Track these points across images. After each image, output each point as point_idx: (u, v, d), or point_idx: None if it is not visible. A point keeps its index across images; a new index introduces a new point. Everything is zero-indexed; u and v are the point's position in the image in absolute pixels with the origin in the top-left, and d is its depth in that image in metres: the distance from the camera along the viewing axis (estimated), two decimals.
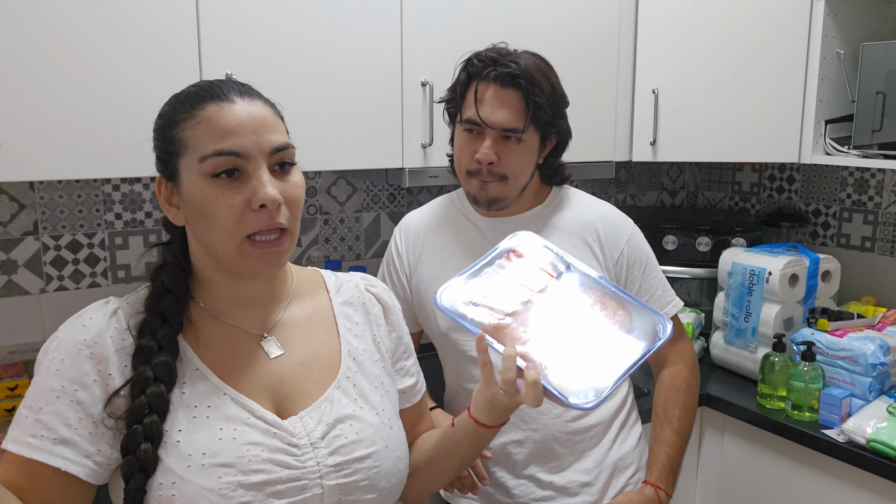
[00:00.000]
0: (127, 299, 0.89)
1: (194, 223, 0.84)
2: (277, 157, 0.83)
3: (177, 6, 1.35)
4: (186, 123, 0.82)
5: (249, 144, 0.80)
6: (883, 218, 2.15)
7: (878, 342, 1.68)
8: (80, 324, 0.84)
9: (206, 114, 0.81)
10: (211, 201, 0.80)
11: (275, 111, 0.87)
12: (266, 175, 0.81)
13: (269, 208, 0.80)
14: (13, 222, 1.58)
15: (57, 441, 0.79)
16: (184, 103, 0.84)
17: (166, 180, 0.86)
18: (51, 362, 0.81)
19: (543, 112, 1.24)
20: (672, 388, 1.39)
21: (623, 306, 0.87)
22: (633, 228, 1.38)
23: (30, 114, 1.24)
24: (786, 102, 1.94)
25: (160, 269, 0.89)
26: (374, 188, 2.06)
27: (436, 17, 1.66)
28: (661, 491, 1.33)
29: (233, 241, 0.81)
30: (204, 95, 0.83)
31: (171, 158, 0.84)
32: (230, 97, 0.82)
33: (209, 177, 0.80)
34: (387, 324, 1.02)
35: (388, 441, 0.90)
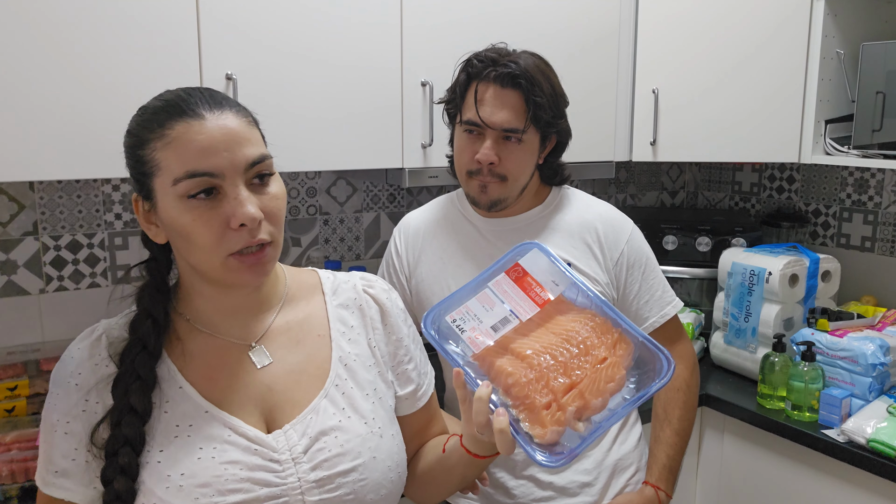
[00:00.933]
0: (117, 320, 0.88)
1: (176, 244, 0.83)
2: (254, 170, 0.80)
3: (177, 6, 1.35)
4: (156, 144, 0.78)
5: (223, 163, 0.77)
6: (883, 218, 2.15)
7: (878, 342, 1.68)
8: (69, 355, 0.86)
9: (174, 133, 0.77)
10: (189, 224, 0.78)
11: (248, 120, 0.83)
12: (243, 192, 0.78)
13: (249, 226, 0.78)
14: (13, 222, 1.58)
15: (58, 473, 0.82)
16: (151, 121, 0.80)
17: (143, 199, 0.83)
18: (50, 395, 0.84)
19: (544, 112, 1.24)
20: (672, 388, 1.39)
21: (624, 338, 0.81)
22: (633, 229, 1.38)
23: (30, 114, 1.24)
24: (786, 102, 1.94)
25: (142, 290, 0.88)
26: (374, 188, 2.06)
27: (436, 17, 1.66)
28: (661, 491, 1.33)
29: (216, 259, 0.80)
30: (171, 112, 0.79)
31: (145, 179, 0.81)
32: (199, 112, 0.78)
33: (185, 198, 0.77)
34: (384, 327, 0.98)
35: (376, 451, 0.88)
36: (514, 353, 0.81)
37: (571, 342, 0.81)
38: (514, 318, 0.83)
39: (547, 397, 0.78)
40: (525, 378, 0.78)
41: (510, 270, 0.86)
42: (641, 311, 1.36)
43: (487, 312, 0.84)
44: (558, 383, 0.78)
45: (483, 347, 0.82)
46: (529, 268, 0.86)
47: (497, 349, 0.82)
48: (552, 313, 0.84)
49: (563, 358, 0.80)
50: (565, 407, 0.77)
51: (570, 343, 0.81)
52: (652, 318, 1.37)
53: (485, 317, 0.84)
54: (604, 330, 0.82)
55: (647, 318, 1.37)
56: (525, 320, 0.83)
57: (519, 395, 0.78)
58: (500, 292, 0.85)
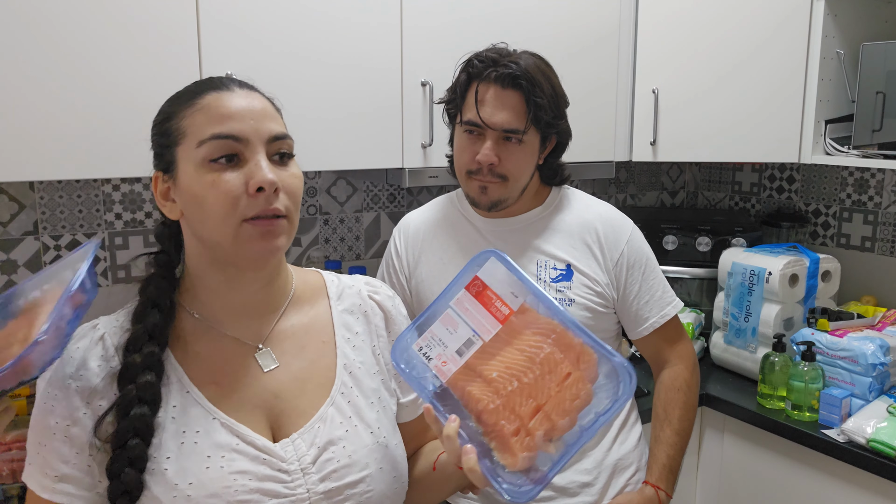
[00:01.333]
0: (116, 317, 0.87)
1: (190, 214, 0.82)
2: (276, 145, 0.82)
3: (177, 6, 1.35)
4: (185, 112, 0.81)
5: (248, 130, 0.80)
6: (883, 218, 2.15)
7: (878, 342, 1.68)
8: (69, 354, 0.82)
9: (205, 101, 0.81)
10: (208, 186, 0.78)
11: (274, 105, 0.86)
12: (264, 160, 0.80)
13: (266, 192, 0.78)
14: (13, 222, 1.58)
15: (58, 478, 0.80)
16: (182, 97, 0.84)
17: (163, 173, 0.84)
18: (46, 397, 0.81)
19: (544, 113, 1.24)
20: (672, 388, 1.39)
21: (587, 350, 0.79)
22: (633, 229, 1.38)
23: (30, 114, 1.24)
24: (786, 102, 1.94)
25: (147, 281, 0.87)
26: (374, 188, 2.06)
27: (436, 17, 1.66)
28: (661, 491, 1.33)
29: (229, 226, 0.79)
30: (203, 86, 0.83)
31: (168, 149, 0.83)
32: (230, 87, 0.83)
33: (207, 162, 0.79)
34: (388, 334, 0.97)
35: (382, 462, 0.87)
36: (481, 377, 0.80)
37: (534, 361, 0.79)
38: (478, 338, 0.82)
39: (514, 423, 0.77)
40: (493, 405, 0.78)
41: (470, 285, 0.83)
42: (641, 311, 1.36)
43: (451, 335, 0.82)
44: (524, 408, 0.77)
45: (450, 375, 0.81)
46: (488, 280, 0.83)
47: (466, 373, 0.81)
48: (515, 327, 0.82)
49: (527, 379, 0.78)
50: (533, 432, 0.76)
51: (534, 362, 0.79)
52: (652, 318, 1.37)
53: (449, 341, 0.82)
54: (565, 343, 0.79)
55: (647, 318, 1.37)
56: (489, 340, 0.81)
57: (489, 422, 0.78)
58: (462, 311, 0.83)
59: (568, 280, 1.31)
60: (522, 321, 0.82)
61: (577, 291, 1.31)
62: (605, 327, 1.36)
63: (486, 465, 0.77)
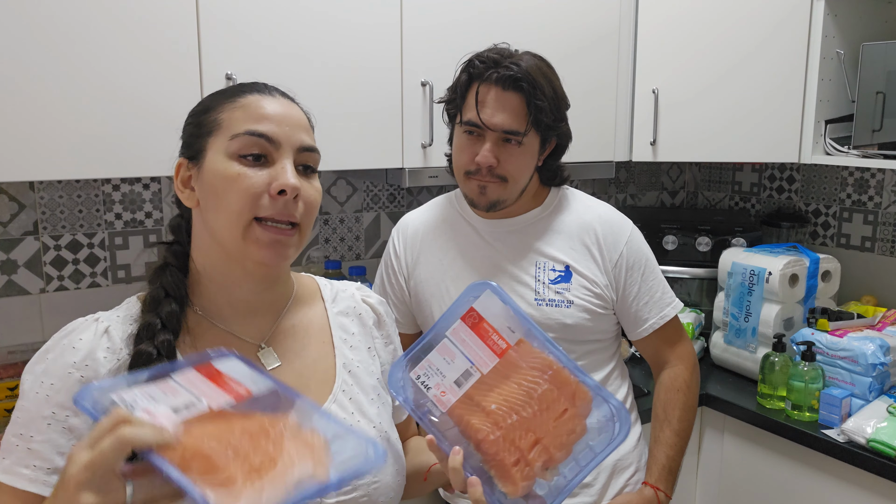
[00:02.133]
0: (116, 313, 0.86)
1: (206, 204, 0.83)
2: (304, 156, 0.85)
3: (177, 6, 1.35)
4: (225, 106, 0.84)
5: (281, 134, 0.82)
6: (883, 218, 2.15)
7: (878, 342, 1.68)
8: (70, 345, 0.80)
9: (246, 100, 0.84)
10: (231, 179, 0.80)
11: (309, 120, 0.90)
12: (290, 166, 0.82)
13: (287, 196, 0.80)
14: (13, 222, 1.58)
15: (51, 471, 0.76)
16: (226, 93, 0.87)
17: (188, 161, 0.85)
18: (40, 387, 0.78)
19: (545, 115, 1.24)
20: (672, 389, 1.39)
21: (581, 388, 0.82)
22: (633, 230, 1.38)
23: (30, 114, 1.24)
24: (786, 102, 1.94)
25: (160, 270, 0.87)
26: (374, 188, 2.06)
27: (436, 17, 1.66)
28: (660, 492, 1.33)
29: (241, 222, 0.80)
30: (248, 88, 0.86)
31: (200, 139, 0.84)
32: (273, 93, 0.86)
33: (235, 155, 0.81)
34: (382, 336, 1.01)
35: (387, 456, 0.89)
36: (481, 408, 0.82)
37: (532, 396, 0.82)
38: (476, 370, 0.83)
39: (515, 455, 0.80)
40: (493, 436, 0.81)
41: (466, 316, 0.84)
42: (641, 312, 1.36)
43: (449, 366, 0.83)
44: (524, 441, 0.81)
45: (450, 405, 0.82)
46: (484, 313, 0.84)
47: (466, 403, 0.83)
48: (512, 361, 0.84)
49: (526, 413, 0.82)
50: (533, 463, 0.80)
51: (532, 397, 0.82)
52: (651, 319, 1.36)
53: (447, 371, 0.83)
54: (561, 380, 0.83)
55: (646, 319, 1.36)
56: (486, 372, 0.83)
57: (489, 452, 0.81)
58: (459, 341, 0.84)
59: (567, 281, 1.31)
60: (519, 355, 0.84)
61: (576, 293, 1.31)
62: (605, 328, 1.36)
63: (487, 492, 0.81)
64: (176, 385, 0.71)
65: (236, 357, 0.77)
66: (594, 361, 1.36)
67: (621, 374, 1.42)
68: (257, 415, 0.70)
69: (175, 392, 0.70)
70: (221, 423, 0.67)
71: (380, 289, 1.47)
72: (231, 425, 0.67)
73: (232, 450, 0.65)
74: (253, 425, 0.68)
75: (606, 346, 1.38)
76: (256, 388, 0.74)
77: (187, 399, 0.69)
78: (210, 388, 0.71)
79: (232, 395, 0.71)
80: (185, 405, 0.68)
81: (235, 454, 0.65)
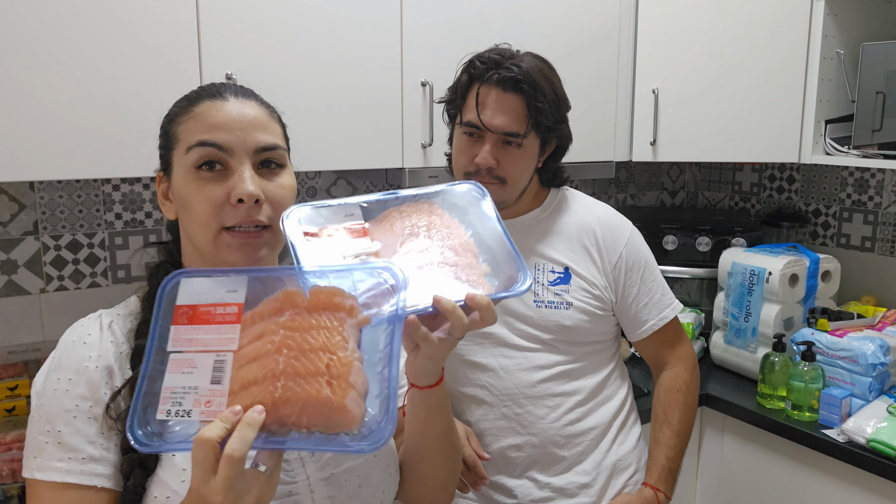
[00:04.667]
0: (117, 310, 0.88)
1: (181, 216, 0.85)
2: (263, 156, 0.84)
3: (177, 6, 1.35)
4: (181, 118, 0.84)
5: (234, 140, 0.81)
6: (883, 218, 2.15)
7: (878, 342, 1.68)
8: (80, 341, 0.83)
9: (198, 109, 0.83)
10: (192, 192, 0.81)
11: (270, 113, 0.87)
12: (248, 172, 0.81)
13: (246, 204, 0.80)
14: (13, 222, 1.58)
15: (86, 460, 0.78)
16: (183, 101, 0.87)
17: (163, 174, 0.88)
18: (57, 383, 0.80)
19: (545, 118, 1.23)
20: (672, 389, 1.39)
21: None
22: (632, 231, 1.38)
23: (30, 114, 1.24)
24: (786, 102, 1.94)
25: (157, 267, 0.90)
26: (374, 188, 2.06)
27: (436, 17, 1.66)
28: (660, 493, 1.33)
29: (209, 232, 0.81)
30: (202, 94, 0.86)
31: (167, 152, 0.86)
32: (225, 96, 0.85)
33: (193, 168, 0.81)
34: None
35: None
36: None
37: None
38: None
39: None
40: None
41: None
42: (640, 314, 1.36)
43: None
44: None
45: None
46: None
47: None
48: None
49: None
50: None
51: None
52: (651, 320, 1.36)
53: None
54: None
55: (645, 320, 1.36)
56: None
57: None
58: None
59: (566, 283, 1.31)
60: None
61: (575, 295, 1.31)
62: (604, 330, 1.36)
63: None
64: (182, 356, 0.69)
65: (185, 276, 0.72)
66: (594, 363, 1.36)
67: (621, 375, 1.42)
68: (263, 323, 0.70)
69: (192, 363, 0.69)
70: (254, 357, 0.68)
71: None
72: (266, 352, 0.68)
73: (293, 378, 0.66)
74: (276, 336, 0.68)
75: (606, 347, 1.38)
76: (237, 294, 0.71)
77: (210, 361, 0.68)
78: (210, 333, 0.70)
79: (230, 321, 0.70)
80: (215, 368, 0.68)
81: (301, 377, 0.66)
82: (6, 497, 1.32)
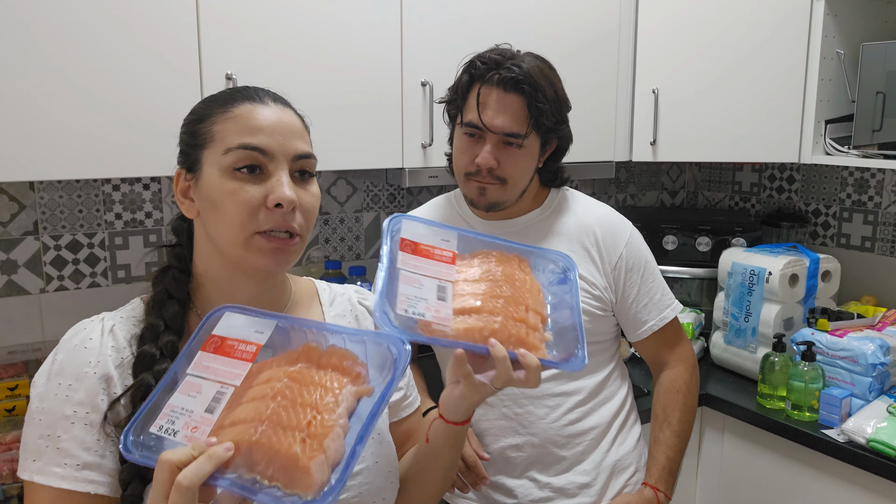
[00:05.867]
0: (119, 313, 0.87)
1: (206, 216, 0.84)
2: (299, 164, 0.84)
3: (177, 6, 1.35)
4: (217, 118, 0.83)
5: (275, 145, 0.82)
6: (883, 218, 2.15)
7: (878, 342, 1.68)
8: (81, 345, 0.82)
9: (238, 111, 0.83)
10: (228, 193, 0.80)
11: (304, 123, 0.88)
12: (286, 177, 0.82)
13: (283, 209, 0.80)
14: (13, 222, 1.58)
15: (80, 466, 0.78)
16: (218, 101, 0.86)
17: (185, 171, 0.86)
18: (57, 388, 0.80)
19: (546, 118, 1.23)
20: (672, 390, 1.39)
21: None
22: (632, 232, 1.38)
23: (30, 114, 1.24)
24: (786, 102, 1.94)
25: (163, 272, 0.89)
26: (374, 188, 2.06)
27: (436, 17, 1.66)
28: (660, 493, 1.33)
29: (242, 234, 0.81)
30: (239, 95, 0.85)
31: (195, 150, 0.84)
32: (264, 100, 0.85)
33: (230, 170, 0.81)
34: None
35: (378, 456, 0.89)
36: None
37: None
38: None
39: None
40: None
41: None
42: (640, 314, 1.36)
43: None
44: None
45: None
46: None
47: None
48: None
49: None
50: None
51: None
52: (651, 321, 1.36)
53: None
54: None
55: (645, 321, 1.36)
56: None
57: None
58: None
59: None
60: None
61: None
62: (604, 330, 1.36)
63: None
64: (195, 380, 0.73)
65: (229, 310, 0.78)
66: (594, 363, 1.36)
67: (621, 375, 1.42)
68: (276, 367, 0.73)
69: (199, 388, 0.72)
70: (252, 398, 0.70)
71: None
72: (263, 395, 0.70)
73: (274, 426, 0.67)
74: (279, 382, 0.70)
75: (606, 347, 1.38)
76: (262, 336, 0.76)
77: (213, 391, 0.72)
78: (225, 365, 0.74)
79: (246, 358, 0.74)
80: (214, 398, 0.71)
81: (282, 427, 0.67)
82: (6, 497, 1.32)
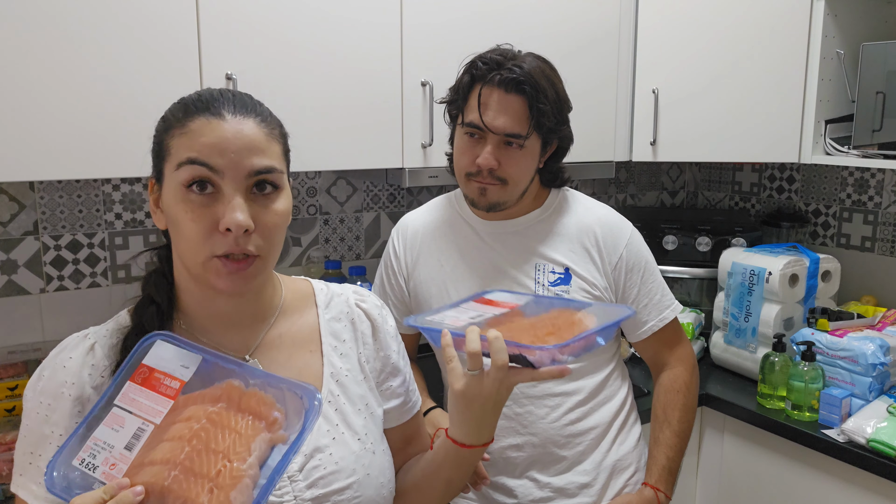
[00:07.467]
0: (106, 326, 0.87)
1: (171, 230, 0.83)
2: (259, 178, 0.80)
3: (177, 6, 1.35)
4: (175, 131, 0.80)
5: (226, 163, 0.77)
6: (883, 218, 2.15)
7: (878, 342, 1.68)
8: (60, 365, 0.82)
9: (192, 125, 0.79)
10: (182, 214, 0.78)
11: (270, 132, 0.83)
12: (238, 198, 0.77)
13: (234, 234, 0.77)
14: (13, 222, 1.58)
15: None
16: (178, 111, 0.82)
17: (155, 181, 0.84)
18: (39, 406, 0.81)
19: (547, 119, 1.23)
20: (672, 390, 1.39)
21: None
22: (633, 232, 1.38)
23: (30, 114, 1.24)
24: (786, 102, 1.94)
25: (148, 277, 0.87)
26: (374, 188, 2.06)
27: (436, 17, 1.66)
28: (660, 493, 1.33)
29: (200, 256, 0.79)
30: (198, 106, 0.81)
31: (160, 161, 0.82)
32: (221, 113, 0.80)
33: (183, 187, 0.78)
34: (374, 342, 0.97)
35: (370, 468, 0.88)
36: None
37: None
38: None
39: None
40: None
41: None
42: (640, 315, 1.36)
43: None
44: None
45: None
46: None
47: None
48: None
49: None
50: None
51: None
52: (651, 321, 1.36)
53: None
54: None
55: (645, 321, 1.36)
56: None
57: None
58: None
59: (566, 284, 1.31)
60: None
61: (576, 295, 1.31)
62: None
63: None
64: (121, 412, 0.73)
65: (160, 338, 0.77)
66: (594, 363, 1.36)
67: (621, 375, 1.42)
68: (199, 403, 0.72)
69: (122, 422, 0.72)
70: (171, 437, 0.70)
71: (379, 289, 1.47)
72: (181, 436, 0.70)
73: (186, 471, 0.67)
74: (198, 423, 0.70)
75: (606, 347, 1.38)
76: (187, 371, 0.75)
77: (134, 427, 0.71)
78: (149, 399, 0.73)
79: (169, 395, 0.73)
80: (134, 435, 0.71)
81: (193, 474, 0.67)
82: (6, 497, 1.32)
